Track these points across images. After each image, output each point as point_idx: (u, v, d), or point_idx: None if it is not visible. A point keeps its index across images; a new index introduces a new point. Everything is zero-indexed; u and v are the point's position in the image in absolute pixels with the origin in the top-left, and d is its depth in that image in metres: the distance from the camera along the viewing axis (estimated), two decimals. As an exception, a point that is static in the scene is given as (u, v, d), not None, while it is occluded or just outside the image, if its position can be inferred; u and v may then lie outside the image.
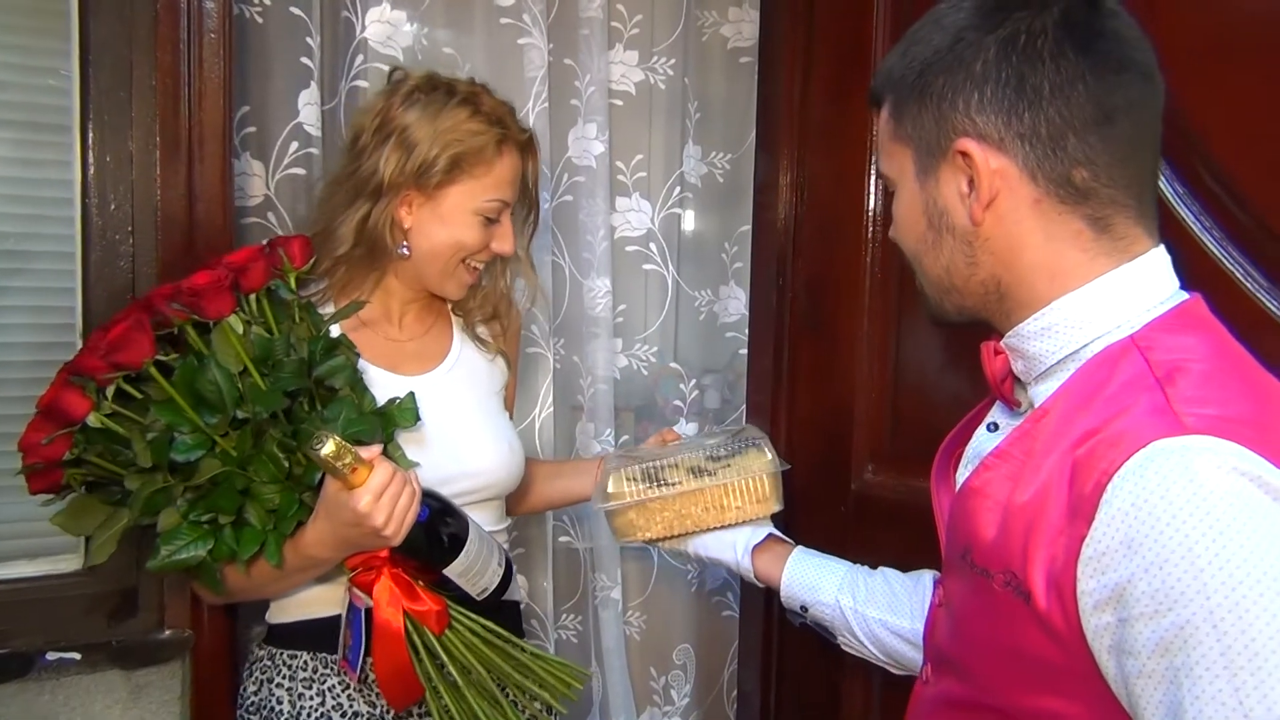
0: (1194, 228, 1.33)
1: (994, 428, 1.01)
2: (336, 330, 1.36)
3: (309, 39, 1.63)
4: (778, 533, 1.41)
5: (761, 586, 1.40)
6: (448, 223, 1.39)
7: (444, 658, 1.32)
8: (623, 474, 1.39)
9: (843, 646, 1.32)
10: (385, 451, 1.26)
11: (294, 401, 1.26)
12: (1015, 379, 0.96)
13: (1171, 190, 1.34)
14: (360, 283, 1.43)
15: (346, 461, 1.15)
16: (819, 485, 1.92)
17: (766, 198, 2.01)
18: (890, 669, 1.29)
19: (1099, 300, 0.88)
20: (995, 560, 0.87)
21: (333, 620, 1.36)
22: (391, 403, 1.32)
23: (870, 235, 1.80)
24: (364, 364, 1.35)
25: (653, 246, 2.05)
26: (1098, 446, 0.78)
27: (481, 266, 1.46)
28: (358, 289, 1.43)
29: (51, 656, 1.39)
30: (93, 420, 1.19)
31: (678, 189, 2.05)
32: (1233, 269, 1.30)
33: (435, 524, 1.28)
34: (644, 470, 1.38)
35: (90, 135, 1.38)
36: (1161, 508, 0.72)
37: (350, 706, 1.37)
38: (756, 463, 1.38)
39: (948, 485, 1.05)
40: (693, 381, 2.12)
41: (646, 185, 2.05)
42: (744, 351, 2.11)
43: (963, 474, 1.02)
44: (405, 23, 1.77)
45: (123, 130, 1.39)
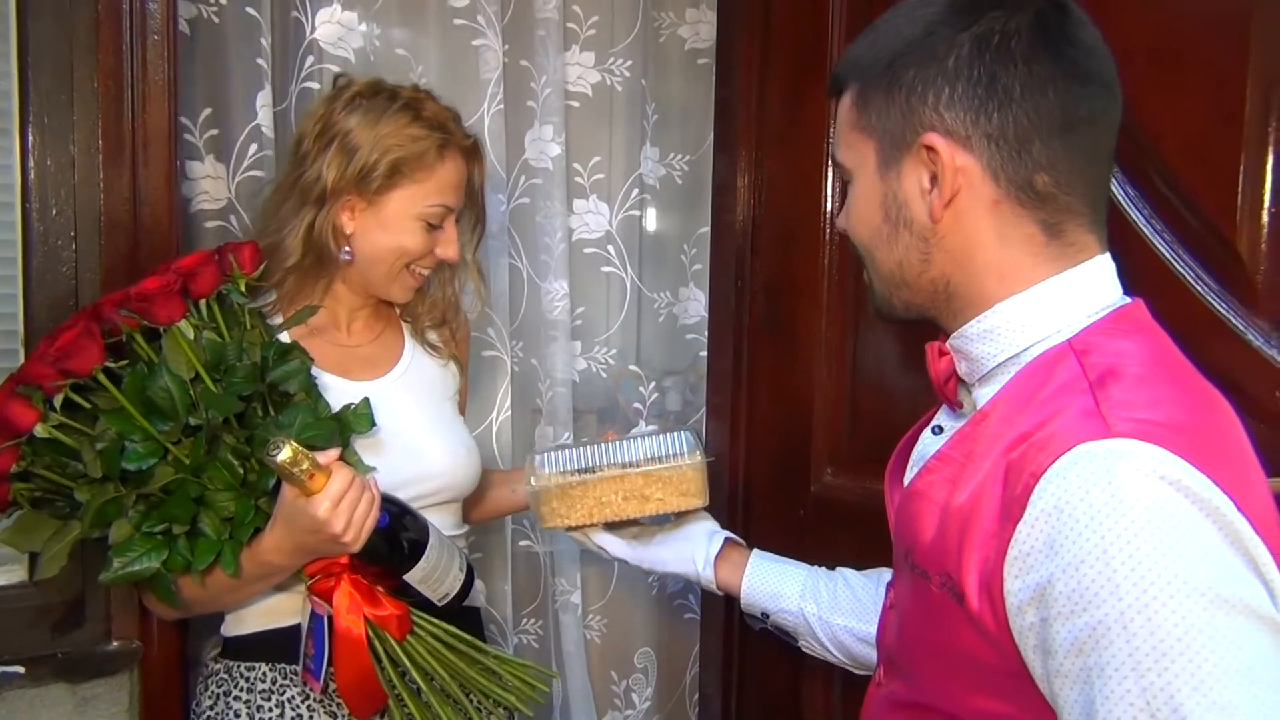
0: (1145, 231, 1.34)
1: (938, 430, 1.01)
2: (286, 338, 1.35)
3: (261, 39, 1.60)
4: (733, 536, 1.40)
5: (722, 595, 1.39)
6: (390, 228, 1.38)
7: (406, 664, 1.31)
8: (547, 459, 1.38)
9: (804, 649, 1.32)
10: (342, 457, 1.24)
11: (248, 407, 1.25)
12: (960, 380, 0.96)
13: (1123, 194, 1.35)
14: (309, 291, 1.41)
15: (304, 467, 1.14)
16: (778, 488, 1.92)
17: (725, 199, 2.01)
18: (853, 670, 1.30)
19: (1041, 304, 0.88)
20: (933, 562, 0.87)
21: (291, 630, 1.34)
22: (346, 408, 1.31)
23: (828, 237, 1.80)
24: (316, 370, 1.33)
25: (611, 249, 2.04)
26: (1029, 450, 0.79)
27: (427, 272, 1.44)
28: (306, 297, 1.41)
29: (-6, 670, 1.36)
30: (40, 431, 1.17)
31: (636, 191, 2.04)
32: (1183, 272, 1.32)
33: (395, 529, 1.27)
34: (568, 456, 1.37)
35: (30, 138, 1.35)
36: (1081, 509, 0.73)
37: (311, 717, 1.35)
38: (680, 454, 1.36)
39: (898, 486, 1.05)
40: (653, 384, 2.11)
41: (604, 187, 2.03)
42: (704, 353, 2.11)
43: (909, 476, 1.02)
44: (357, 23, 1.75)
45: (64, 133, 1.36)
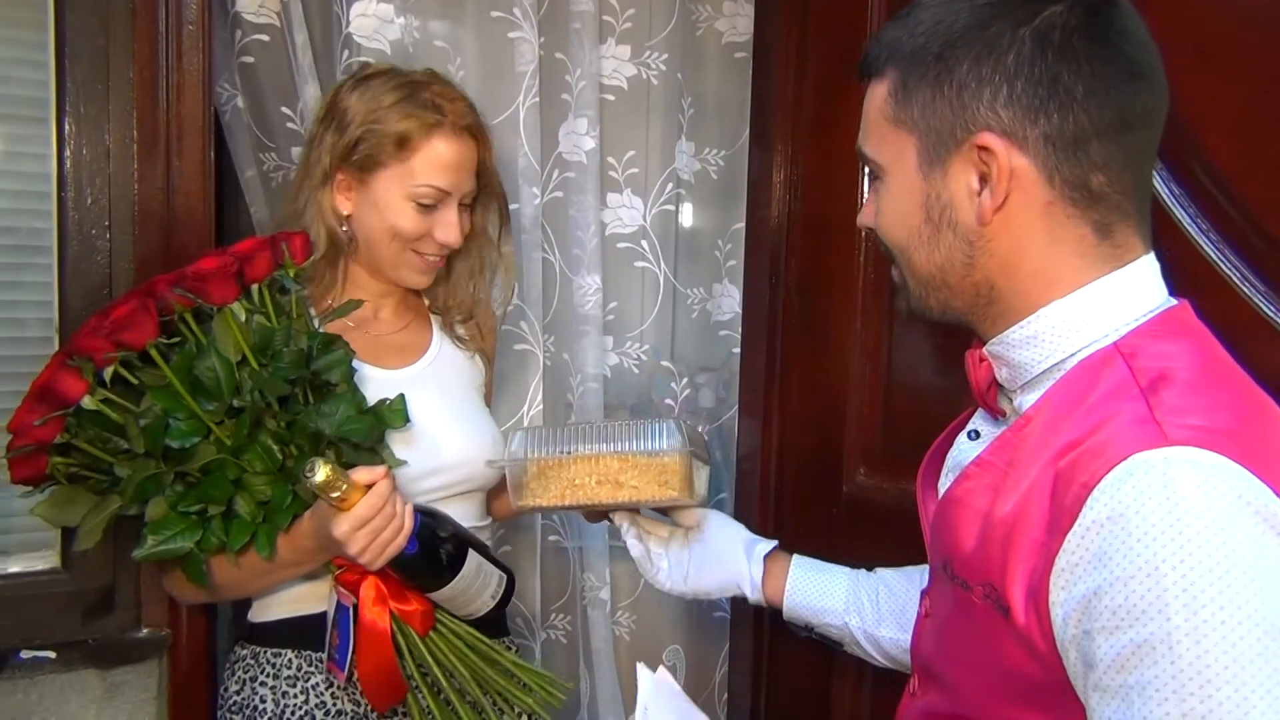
0: (1190, 230, 1.30)
1: (975, 435, 0.98)
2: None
3: (299, 34, 1.64)
4: (770, 545, 1.36)
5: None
6: (380, 209, 1.38)
7: (428, 660, 1.31)
8: (525, 437, 1.35)
9: (849, 651, 1.30)
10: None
11: (291, 392, 1.26)
12: (999, 387, 0.93)
13: (1168, 191, 1.31)
14: (332, 278, 1.43)
15: (338, 491, 1.15)
16: (811, 486, 1.90)
17: (760, 195, 1.99)
18: (897, 669, 1.27)
19: (1087, 308, 0.85)
20: (974, 573, 0.84)
21: (317, 618, 1.34)
22: (382, 403, 1.31)
23: (864, 234, 1.78)
24: None
25: (644, 243, 2.03)
26: (1080, 458, 0.76)
27: (434, 256, 1.43)
28: (330, 284, 1.43)
29: (26, 655, 1.37)
30: (88, 403, 1.18)
31: (670, 185, 2.02)
32: (1229, 273, 1.28)
33: (423, 557, 1.28)
34: (548, 436, 1.34)
35: (67, 128, 1.36)
36: (1135, 521, 0.71)
37: (334, 705, 1.36)
38: (662, 442, 1.31)
39: (932, 493, 1.03)
40: (685, 380, 2.09)
41: (639, 181, 2.02)
42: (738, 350, 2.09)
43: (944, 482, 0.99)
44: (393, 16, 1.75)
45: (100, 123, 1.37)
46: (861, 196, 1.78)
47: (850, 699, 1.81)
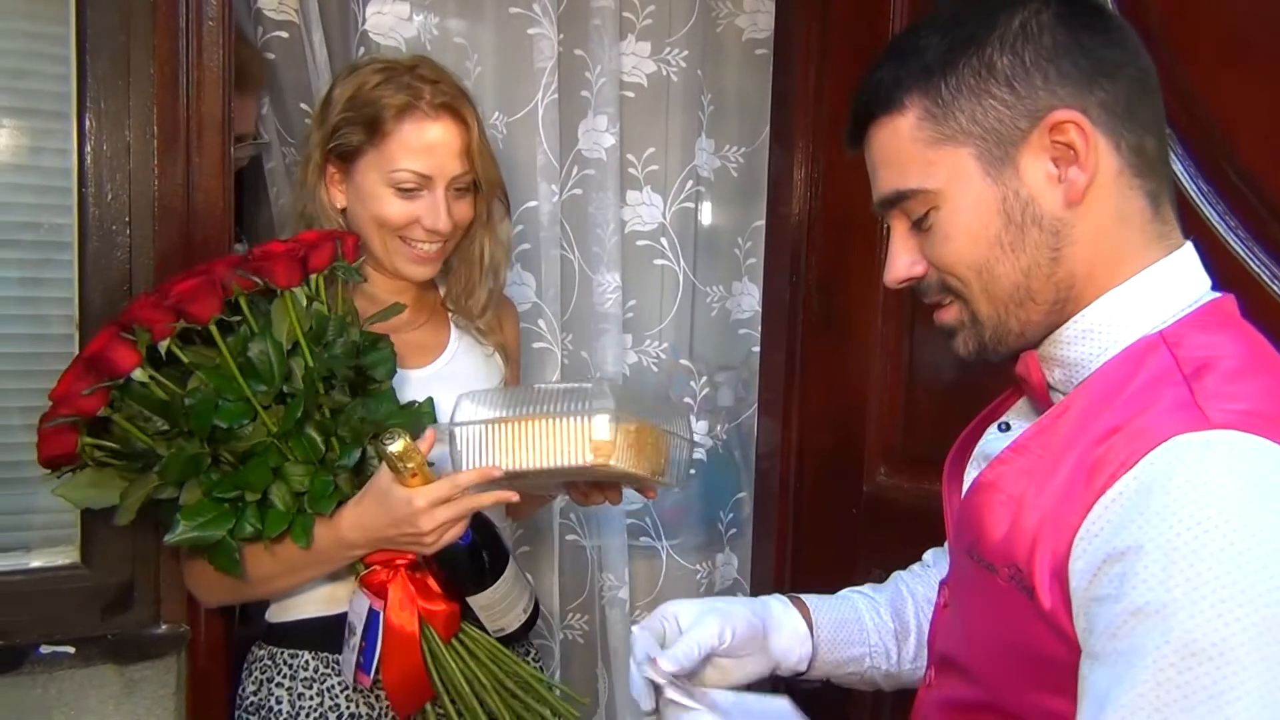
0: (1219, 227, 1.29)
1: (1006, 428, 0.96)
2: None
3: (316, 32, 1.66)
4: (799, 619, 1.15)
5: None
6: (364, 197, 1.37)
7: (450, 666, 1.30)
8: (472, 400, 1.30)
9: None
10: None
11: (339, 384, 1.27)
12: (1049, 391, 0.90)
13: (1196, 189, 1.29)
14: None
15: (412, 464, 1.17)
16: (831, 486, 1.89)
17: (781, 192, 1.98)
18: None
19: (1140, 297, 0.84)
20: (1001, 555, 0.83)
21: (335, 619, 1.33)
22: (413, 404, 1.32)
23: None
24: None
25: (664, 241, 2.02)
26: (1118, 442, 0.75)
27: (428, 246, 1.39)
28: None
29: (45, 650, 1.37)
30: (138, 375, 1.18)
31: (690, 183, 2.02)
32: (1259, 270, 1.26)
33: (474, 551, 1.29)
34: (496, 398, 1.29)
35: (87, 123, 1.36)
36: (1158, 495, 0.70)
37: (349, 708, 1.35)
38: (588, 406, 1.24)
39: (956, 483, 1.01)
40: (704, 379, 2.08)
41: (658, 178, 2.01)
42: (757, 349, 2.08)
43: (970, 473, 0.97)
44: (410, 13, 1.75)
45: (120, 119, 1.37)
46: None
47: (870, 700, 1.80)
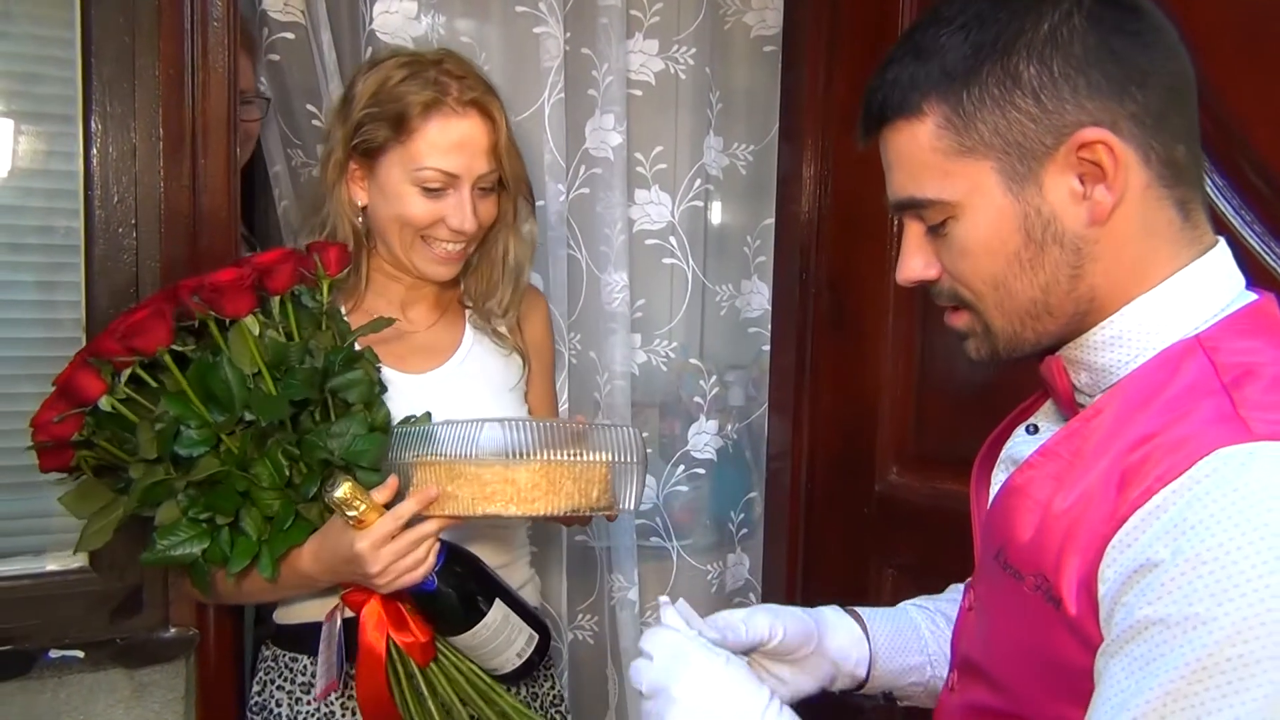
0: (1235, 222, 1.28)
1: (1033, 429, 0.94)
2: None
3: (325, 32, 1.65)
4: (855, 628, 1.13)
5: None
6: (388, 196, 1.33)
7: (424, 691, 1.28)
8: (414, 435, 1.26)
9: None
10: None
11: (303, 410, 1.24)
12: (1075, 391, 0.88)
13: (1212, 184, 1.28)
14: (359, 275, 1.39)
15: (359, 509, 1.14)
16: (842, 485, 1.88)
17: (790, 190, 1.97)
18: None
19: (1172, 302, 0.81)
20: (1027, 562, 0.82)
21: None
22: (407, 419, 1.29)
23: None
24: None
25: (673, 240, 2.01)
26: (1154, 452, 0.73)
27: (451, 245, 1.36)
28: (354, 284, 1.39)
29: (54, 654, 1.37)
30: (104, 404, 1.18)
31: (699, 181, 2.01)
32: (1275, 265, 1.25)
33: (440, 599, 1.24)
34: (440, 435, 1.23)
35: (94, 126, 1.36)
36: (1197, 509, 0.68)
37: (343, 716, 1.34)
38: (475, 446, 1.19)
39: (984, 485, 0.99)
40: (714, 378, 2.07)
41: (666, 177, 2.00)
42: (767, 348, 2.07)
43: (998, 476, 0.95)
44: (417, 12, 1.74)
45: (126, 121, 1.37)
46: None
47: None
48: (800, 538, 1.94)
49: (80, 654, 1.38)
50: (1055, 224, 0.81)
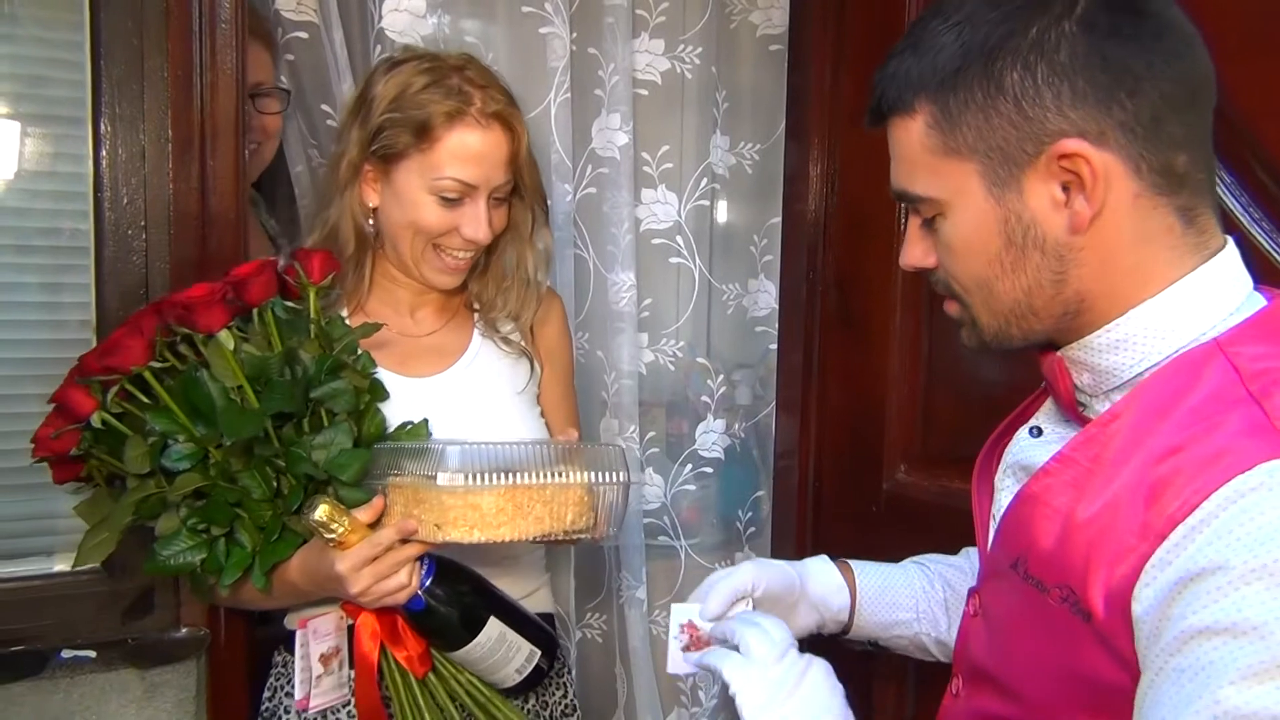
0: (1243, 220, 1.27)
1: (1037, 432, 0.93)
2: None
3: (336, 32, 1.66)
4: (836, 571, 1.19)
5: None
6: (403, 202, 1.32)
7: (421, 702, 1.28)
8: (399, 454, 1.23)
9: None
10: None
11: (287, 421, 1.23)
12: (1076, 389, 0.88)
13: (1219, 182, 1.27)
14: (361, 278, 1.39)
15: (339, 530, 1.13)
16: (850, 484, 1.88)
17: (796, 189, 1.97)
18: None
19: (1180, 306, 0.80)
20: (1051, 574, 0.81)
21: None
22: (402, 428, 1.28)
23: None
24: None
25: (679, 239, 2.01)
26: (1186, 465, 0.72)
27: (463, 255, 1.36)
28: (358, 285, 1.39)
29: (66, 654, 1.37)
30: (95, 420, 1.19)
31: (705, 180, 2.01)
32: (1283, 262, 1.25)
33: (431, 617, 1.23)
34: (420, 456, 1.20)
35: (103, 128, 1.36)
36: (1245, 525, 0.67)
37: None
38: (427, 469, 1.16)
39: (988, 490, 0.99)
40: (721, 377, 2.07)
41: (673, 176, 2.00)
42: (774, 346, 2.07)
43: (1003, 479, 0.95)
44: (425, 12, 1.74)
45: (135, 123, 1.37)
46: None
47: (894, 700, 1.78)
48: (808, 536, 1.94)
49: (92, 654, 1.39)
50: (1036, 230, 0.81)
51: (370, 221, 1.37)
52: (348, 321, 1.34)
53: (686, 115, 2.01)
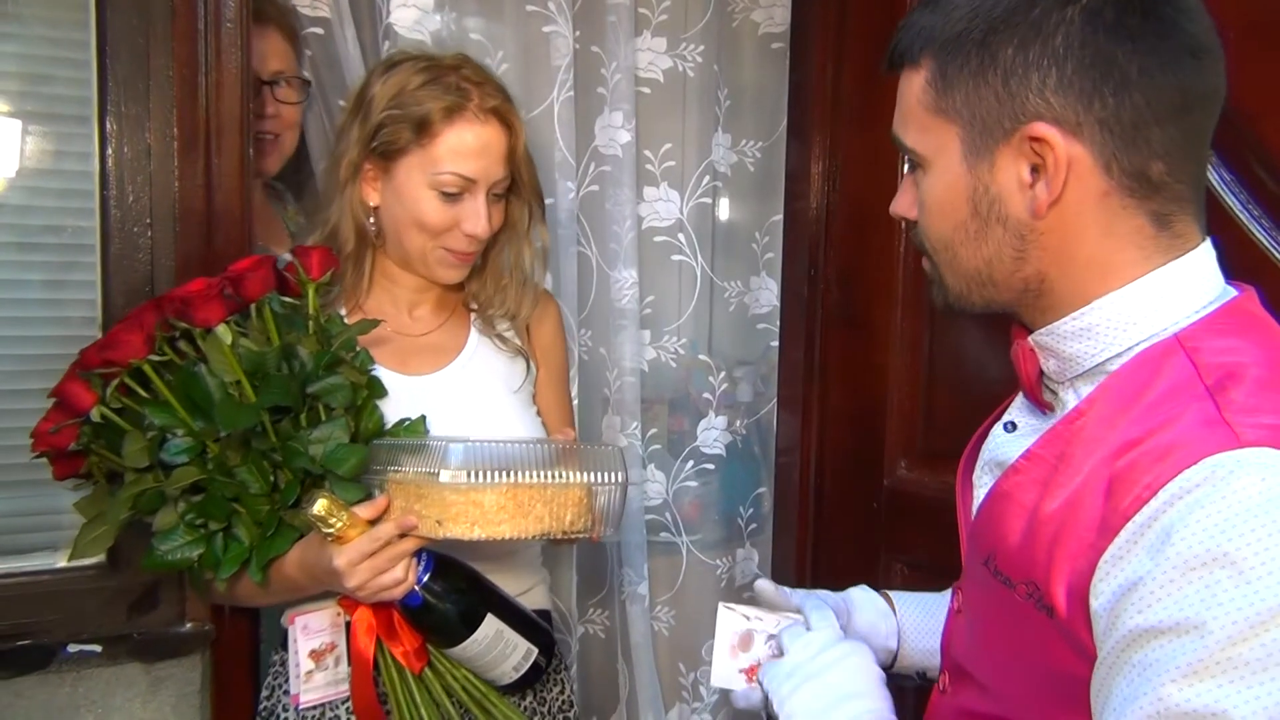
0: (1242, 217, 1.28)
1: (1011, 427, 0.94)
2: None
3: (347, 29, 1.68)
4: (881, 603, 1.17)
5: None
6: (404, 198, 1.34)
7: (418, 697, 1.28)
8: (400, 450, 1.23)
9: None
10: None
11: (285, 416, 1.23)
12: (1044, 377, 0.89)
13: (1219, 178, 1.28)
14: (359, 276, 1.40)
15: (338, 525, 1.14)
16: (851, 480, 1.88)
17: (798, 186, 1.98)
18: None
19: (1146, 300, 0.80)
20: (1018, 570, 0.82)
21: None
22: (400, 424, 1.29)
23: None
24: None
25: (681, 237, 2.02)
26: (1141, 459, 0.73)
27: (466, 249, 1.37)
28: (358, 283, 1.40)
29: (72, 649, 1.38)
30: (95, 414, 1.19)
31: (707, 178, 2.02)
32: (1282, 260, 1.25)
33: (427, 614, 1.23)
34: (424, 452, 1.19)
35: (109, 126, 1.37)
36: (1195, 518, 0.68)
37: None
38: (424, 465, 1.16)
39: (968, 486, 1.00)
40: (723, 374, 2.08)
41: (675, 174, 2.01)
42: (776, 344, 2.07)
43: (980, 476, 0.96)
44: (432, 9, 1.75)
45: (141, 121, 1.38)
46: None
47: (894, 698, 1.79)
48: (809, 533, 1.95)
49: (98, 648, 1.39)
50: (1000, 206, 0.82)
51: (371, 220, 1.38)
52: (346, 320, 1.35)
53: (689, 113, 2.02)
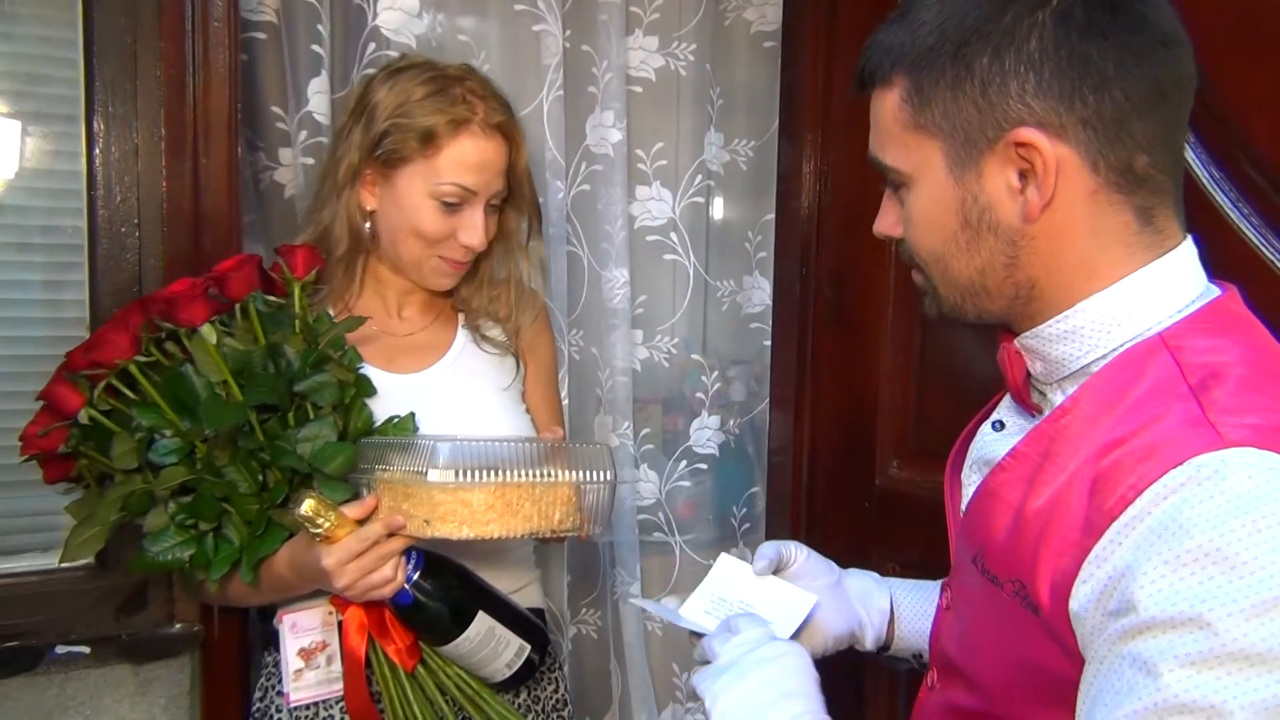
0: (1232, 215, 1.27)
1: (999, 426, 0.95)
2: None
3: (319, 26, 1.61)
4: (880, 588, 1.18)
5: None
6: (404, 207, 1.35)
7: (410, 695, 1.28)
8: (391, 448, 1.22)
9: None
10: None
11: (272, 415, 1.23)
12: (1030, 381, 0.90)
13: (1208, 175, 1.28)
14: (350, 277, 1.40)
15: (325, 524, 1.13)
16: (843, 480, 1.88)
17: (790, 186, 1.97)
18: None
19: (1129, 300, 0.81)
20: (1004, 568, 0.82)
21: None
22: (389, 421, 1.29)
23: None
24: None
25: (674, 236, 2.02)
26: (1124, 459, 0.72)
27: (462, 258, 1.39)
28: (349, 284, 1.40)
29: (61, 650, 1.38)
30: (83, 416, 1.19)
31: (699, 177, 2.01)
32: (1273, 258, 1.25)
33: (419, 612, 1.23)
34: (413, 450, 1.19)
35: (96, 126, 1.37)
36: (1181, 517, 0.67)
37: None
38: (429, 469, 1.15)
39: (956, 484, 1.00)
40: (716, 373, 2.08)
41: (667, 173, 2.01)
42: (769, 343, 2.07)
43: (968, 474, 0.96)
44: (418, 10, 1.74)
45: (128, 121, 1.38)
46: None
47: (886, 696, 1.79)
48: (802, 532, 1.95)
49: (86, 650, 1.39)
50: (990, 214, 0.82)
51: (367, 225, 1.38)
52: (335, 320, 1.34)
53: (681, 112, 2.01)
